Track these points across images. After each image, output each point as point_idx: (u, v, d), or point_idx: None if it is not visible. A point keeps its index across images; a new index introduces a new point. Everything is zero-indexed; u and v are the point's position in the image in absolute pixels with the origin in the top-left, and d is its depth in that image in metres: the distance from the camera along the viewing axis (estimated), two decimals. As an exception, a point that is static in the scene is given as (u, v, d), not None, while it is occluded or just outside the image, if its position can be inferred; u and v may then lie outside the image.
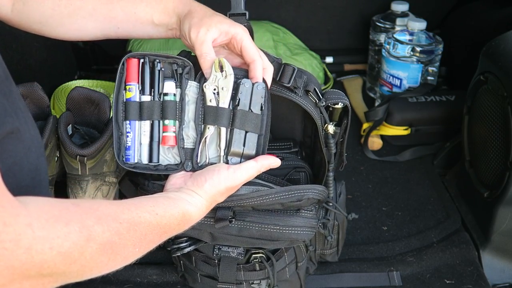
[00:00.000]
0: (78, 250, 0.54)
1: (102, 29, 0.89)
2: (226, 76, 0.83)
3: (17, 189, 0.52)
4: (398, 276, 1.14)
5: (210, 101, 0.84)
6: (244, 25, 0.86)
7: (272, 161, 0.84)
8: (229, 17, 0.87)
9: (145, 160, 0.88)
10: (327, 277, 1.14)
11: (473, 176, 1.25)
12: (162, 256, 1.16)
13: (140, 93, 0.87)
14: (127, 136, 0.87)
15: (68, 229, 0.53)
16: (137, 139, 0.87)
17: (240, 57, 0.87)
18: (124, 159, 0.87)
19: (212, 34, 0.82)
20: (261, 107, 0.84)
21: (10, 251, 0.48)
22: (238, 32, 0.83)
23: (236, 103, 0.83)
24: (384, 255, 1.20)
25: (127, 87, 0.86)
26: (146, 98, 0.87)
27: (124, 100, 0.86)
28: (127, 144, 0.87)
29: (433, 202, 1.36)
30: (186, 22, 0.83)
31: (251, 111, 0.84)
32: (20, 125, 0.61)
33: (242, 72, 0.86)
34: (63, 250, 0.52)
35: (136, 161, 0.87)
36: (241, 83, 0.83)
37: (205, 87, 0.84)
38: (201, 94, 0.85)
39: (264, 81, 0.84)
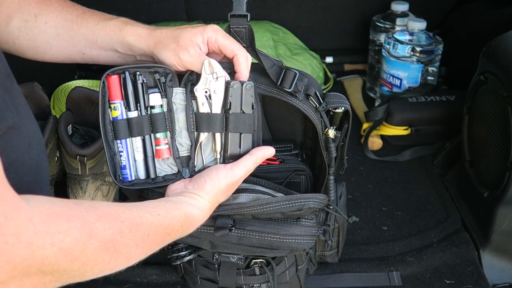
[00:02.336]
0: (79, 247, 0.54)
1: (67, 54, 0.89)
2: (217, 78, 0.82)
3: (19, 185, 0.52)
4: (398, 276, 1.14)
5: (203, 104, 0.83)
6: (245, 27, 0.86)
7: (266, 151, 0.85)
8: (230, 18, 0.86)
9: (142, 176, 0.86)
10: (327, 277, 1.14)
11: (473, 176, 1.25)
12: (162, 256, 1.16)
13: (126, 109, 0.84)
14: (121, 156, 0.85)
15: (70, 225, 0.53)
16: (131, 156, 0.85)
17: (222, 55, 0.86)
18: (121, 178, 0.86)
19: (202, 49, 0.83)
20: (252, 106, 0.84)
21: (11, 245, 0.48)
22: (210, 35, 0.82)
23: (228, 107, 0.83)
24: (384, 255, 1.20)
25: (112, 105, 0.83)
26: (133, 114, 0.84)
27: (111, 120, 0.83)
28: (122, 163, 0.85)
29: (433, 202, 1.36)
30: (164, 51, 0.82)
31: (243, 112, 0.83)
32: (21, 121, 0.61)
33: (230, 66, 0.85)
34: (64, 246, 0.52)
35: (133, 178, 0.86)
36: (230, 85, 0.82)
37: (196, 90, 0.82)
38: (191, 98, 0.84)
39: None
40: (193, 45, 0.81)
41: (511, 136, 1.07)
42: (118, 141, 0.84)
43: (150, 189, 0.89)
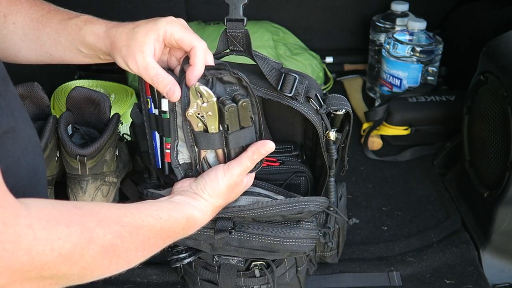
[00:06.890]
0: (79, 252, 0.54)
1: (36, 55, 0.86)
2: (208, 103, 0.78)
3: (15, 189, 0.52)
4: (398, 276, 1.14)
5: (198, 125, 0.81)
6: (241, 31, 0.83)
7: (261, 146, 0.80)
8: (226, 22, 0.82)
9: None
10: (327, 278, 1.14)
11: (473, 176, 1.25)
12: (162, 256, 1.15)
13: (153, 105, 0.87)
14: (154, 145, 0.89)
15: (69, 230, 0.53)
16: (159, 148, 0.89)
17: (181, 50, 0.81)
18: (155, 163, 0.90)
19: (149, 53, 0.76)
20: (251, 118, 0.82)
21: (10, 252, 0.48)
22: (166, 29, 0.77)
23: (226, 128, 0.80)
24: (384, 255, 1.20)
25: (147, 99, 0.87)
26: (156, 111, 0.87)
27: (147, 112, 0.88)
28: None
29: (433, 202, 1.36)
30: (117, 56, 0.78)
31: (242, 127, 0.82)
32: (16, 125, 0.61)
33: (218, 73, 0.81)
34: (64, 251, 0.52)
35: (160, 166, 0.90)
36: (225, 110, 0.78)
37: (188, 115, 0.80)
38: (186, 123, 0.82)
39: (248, 88, 0.80)
40: (141, 50, 0.75)
41: (511, 136, 1.07)
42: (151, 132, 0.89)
43: (150, 191, 0.90)
